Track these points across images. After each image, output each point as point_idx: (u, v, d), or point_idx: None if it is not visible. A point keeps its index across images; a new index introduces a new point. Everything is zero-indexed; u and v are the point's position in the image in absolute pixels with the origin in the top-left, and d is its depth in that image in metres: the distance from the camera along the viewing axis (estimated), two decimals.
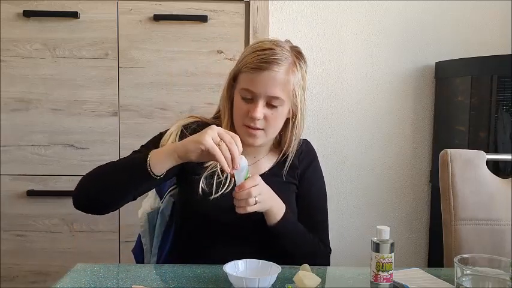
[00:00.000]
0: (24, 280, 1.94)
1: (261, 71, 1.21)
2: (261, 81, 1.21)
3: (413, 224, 2.38)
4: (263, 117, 1.23)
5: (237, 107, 1.26)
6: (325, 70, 2.30)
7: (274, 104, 1.23)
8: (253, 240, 1.26)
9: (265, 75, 1.21)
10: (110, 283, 1.08)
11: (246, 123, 1.24)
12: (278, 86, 1.22)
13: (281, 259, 1.17)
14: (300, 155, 1.37)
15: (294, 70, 1.25)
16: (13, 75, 1.89)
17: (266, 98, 1.22)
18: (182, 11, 1.88)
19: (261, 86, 1.21)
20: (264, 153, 1.36)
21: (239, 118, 1.26)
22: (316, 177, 1.38)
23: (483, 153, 1.38)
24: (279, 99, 1.23)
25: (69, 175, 1.91)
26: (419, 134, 2.35)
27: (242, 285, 1.02)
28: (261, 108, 1.22)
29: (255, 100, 1.22)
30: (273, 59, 1.21)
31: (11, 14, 1.87)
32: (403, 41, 2.31)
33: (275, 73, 1.21)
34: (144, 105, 1.91)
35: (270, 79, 1.21)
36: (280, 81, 1.22)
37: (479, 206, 1.34)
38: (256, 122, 1.23)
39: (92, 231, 1.93)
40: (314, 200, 1.35)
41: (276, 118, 1.25)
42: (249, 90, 1.22)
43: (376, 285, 1.04)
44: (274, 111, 1.24)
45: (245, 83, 1.23)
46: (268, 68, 1.21)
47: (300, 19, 2.28)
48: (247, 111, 1.23)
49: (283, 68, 1.22)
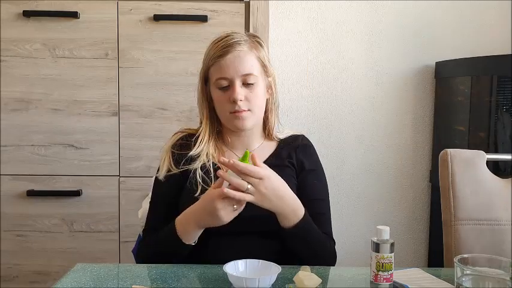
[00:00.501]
0: (24, 280, 1.94)
1: (226, 55, 1.26)
2: (229, 64, 1.26)
3: (413, 224, 2.38)
4: (244, 98, 1.27)
5: (217, 100, 1.30)
6: (325, 70, 2.30)
7: (250, 82, 1.27)
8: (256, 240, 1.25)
9: (231, 57, 1.26)
10: (110, 283, 1.08)
11: (230, 110, 1.27)
12: (246, 62, 1.27)
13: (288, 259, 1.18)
14: (297, 148, 1.37)
15: (256, 46, 1.31)
16: (13, 75, 1.89)
17: (240, 78, 1.27)
18: (182, 11, 1.88)
19: (231, 68, 1.26)
20: (256, 144, 1.37)
21: (223, 110, 1.29)
22: (316, 170, 1.38)
23: (483, 153, 1.38)
24: (252, 75, 1.27)
25: (69, 175, 1.91)
26: (419, 134, 2.35)
27: (242, 285, 1.02)
28: (239, 89, 1.26)
29: (231, 84, 1.27)
30: (233, 42, 1.27)
31: (11, 14, 1.87)
32: (403, 41, 2.31)
33: (239, 52, 1.27)
34: (144, 105, 1.91)
35: (237, 58, 1.26)
36: (247, 58, 1.28)
37: (479, 206, 1.34)
38: (240, 104, 1.26)
39: (92, 231, 1.93)
40: (316, 193, 1.34)
41: (257, 95, 1.29)
42: (222, 77, 1.27)
43: (376, 285, 1.04)
44: (252, 90, 1.28)
45: (216, 73, 1.28)
46: (231, 50, 1.26)
47: (300, 19, 2.28)
48: (228, 98, 1.27)
49: (245, 47, 1.28)
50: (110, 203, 1.92)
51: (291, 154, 1.36)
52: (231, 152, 1.35)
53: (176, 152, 1.33)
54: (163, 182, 1.32)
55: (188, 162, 1.30)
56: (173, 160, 1.32)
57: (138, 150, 1.92)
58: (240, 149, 1.35)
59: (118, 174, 1.92)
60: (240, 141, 1.35)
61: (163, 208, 1.32)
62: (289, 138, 1.40)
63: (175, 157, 1.32)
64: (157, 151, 1.40)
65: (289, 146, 1.38)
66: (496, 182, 1.37)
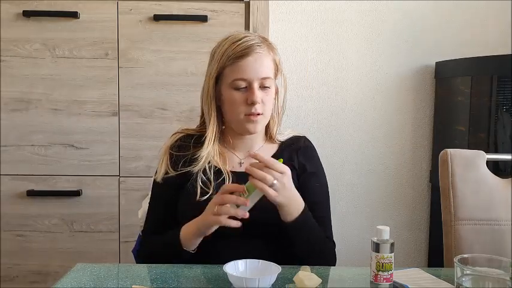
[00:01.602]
0: (24, 280, 1.94)
1: (247, 56, 1.25)
2: (250, 66, 1.25)
3: (413, 224, 2.38)
4: (261, 101, 1.26)
5: (232, 100, 1.27)
6: (325, 70, 2.30)
7: (266, 85, 1.27)
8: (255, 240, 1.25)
9: (252, 59, 1.25)
10: (110, 283, 1.08)
11: (246, 112, 1.26)
12: (266, 65, 1.27)
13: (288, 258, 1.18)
14: (298, 150, 1.37)
15: (272, 49, 1.31)
16: (13, 75, 1.89)
17: (259, 81, 1.26)
18: (182, 11, 1.88)
19: (251, 70, 1.25)
20: (258, 145, 1.36)
21: (238, 110, 1.27)
22: (317, 172, 1.38)
23: (483, 153, 1.38)
24: (270, 78, 1.28)
25: (69, 175, 1.91)
26: (419, 134, 2.35)
27: (242, 285, 1.02)
28: (258, 91, 1.26)
29: (250, 86, 1.26)
30: (253, 43, 1.26)
31: (11, 14, 1.87)
32: (403, 41, 2.31)
33: (259, 55, 1.26)
34: (144, 105, 1.91)
35: (258, 61, 1.25)
36: (266, 60, 1.27)
37: (479, 206, 1.34)
38: (257, 107, 1.25)
39: (92, 231, 1.93)
40: (317, 195, 1.34)
41: (270, 99, 1.30)
42: (241, 78, 1.25)
43: (376, 285, 1.04)
44: (267, 93, 1.28)
45: (235, 73, 1.26)
46: (252, 52, 1.25)
47: (300, 19, 2.28)
48: (245, 100, 1.26)
49: (264, 49, 1.28)
50: (110, 203, 1.92)
51: (292, 156, 1.35)
52: (232, 154, 1.35)
53: (175, 153, 1.32)
54: (161, 184, 1.32)
55: (187, 163, 1.30)
56: (171, 161, 1.32)
57: (138, 150, 1.92)
58: (241, 151, 1.35)
59: (118, 174, 1.92)
60: (243, 143, 1.35)
61: (162, 210, 1.32)
62: (291, 140, 1.40)
63: (173, 158, 1.32)
64: (157, 151, 1.40)
65: (291, 148, 1.37)
66: (496, 182, 1.37)
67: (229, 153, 1.34)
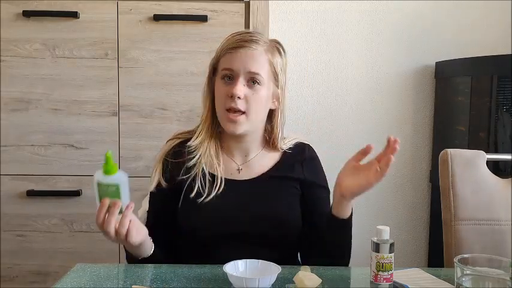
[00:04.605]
0: (24, 280, 1.94)
1: (239, 48, 1.23)
2: (239, 57, 1.23)
3: (413, 224, 2.38)
4: (244, 97, 1.22)
5: (218, 91, 1.26)
6: (325, 70, 2.30)
7: (254, 81, 1.23)
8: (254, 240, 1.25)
9: (243, 52, 1.23)
10: (110, 283, 1.08)
11: (227, 105, 1.23)
12: (256, 62, 1.23)
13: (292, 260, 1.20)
14: (303, 161, 1.35)
15: (273, 52, 1.27)
16: (13, 75, 1.89)
17: (246, 75, 1.23)
18: (182, 11, 1.88)
19: (239, 62, 1.22)
20: (255, 151, 1.33)
21: (220, 102, 1.25)
22: (325, 186, 1.38)
23: (483, 153, 1.38)
24: (258, 75, 1.23)
25: (69, 175, 1.91)
26: (419, 134, 2.35)
27: (242, 285, 1.02)
28: (241, 85, 1.22)
29: (235, 78, 1.23)
30: (251, 38, 1.24)
31: (11, 14, 1.87)
32: (403, 41, 2.31)
33: (253, 50, 1.23)
34: (144, 105, 1.91)
35: (248, 55, 1.23)
36: (259, 58, 1.24)
37: (479, 206, 1.34)
38: (237, 102, 1.22)
39: (92, 231, 1.93)
40: (322, 205, 1.34)
41: (257, 100, 1.24)
42: (228, 68, 1.23)
43: (376, 285, 1.04)
44: (255, 91, 1.24)
45: (224, 63, 1.25)
46: (246, 45, 1.23)
47: (300, 19, 2.28)
48: (227, 92, 1.23)
49: (262, 48, 1.25)
50: None
51: (296, 166, 1.34)
52: (227, 157, 1.32)
53: (170, 161, 1.30)
54: (155, 194, 1.31)
55: (185, 171, 1.27)
56: (166, 171, 1.29)
57: (138, 150, 1.91)
58: (238, 156, 1.32)
59: None
60: (237, 147, 1.32)
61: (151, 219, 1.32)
62: (295, 148, 1.36)
63: (168, 167, 1.30)
64: (157, 151, 1.39)
65: (295, 158, 1.35)
66: (496, 182, 1.37)
67: (226, 158, 1.32)
